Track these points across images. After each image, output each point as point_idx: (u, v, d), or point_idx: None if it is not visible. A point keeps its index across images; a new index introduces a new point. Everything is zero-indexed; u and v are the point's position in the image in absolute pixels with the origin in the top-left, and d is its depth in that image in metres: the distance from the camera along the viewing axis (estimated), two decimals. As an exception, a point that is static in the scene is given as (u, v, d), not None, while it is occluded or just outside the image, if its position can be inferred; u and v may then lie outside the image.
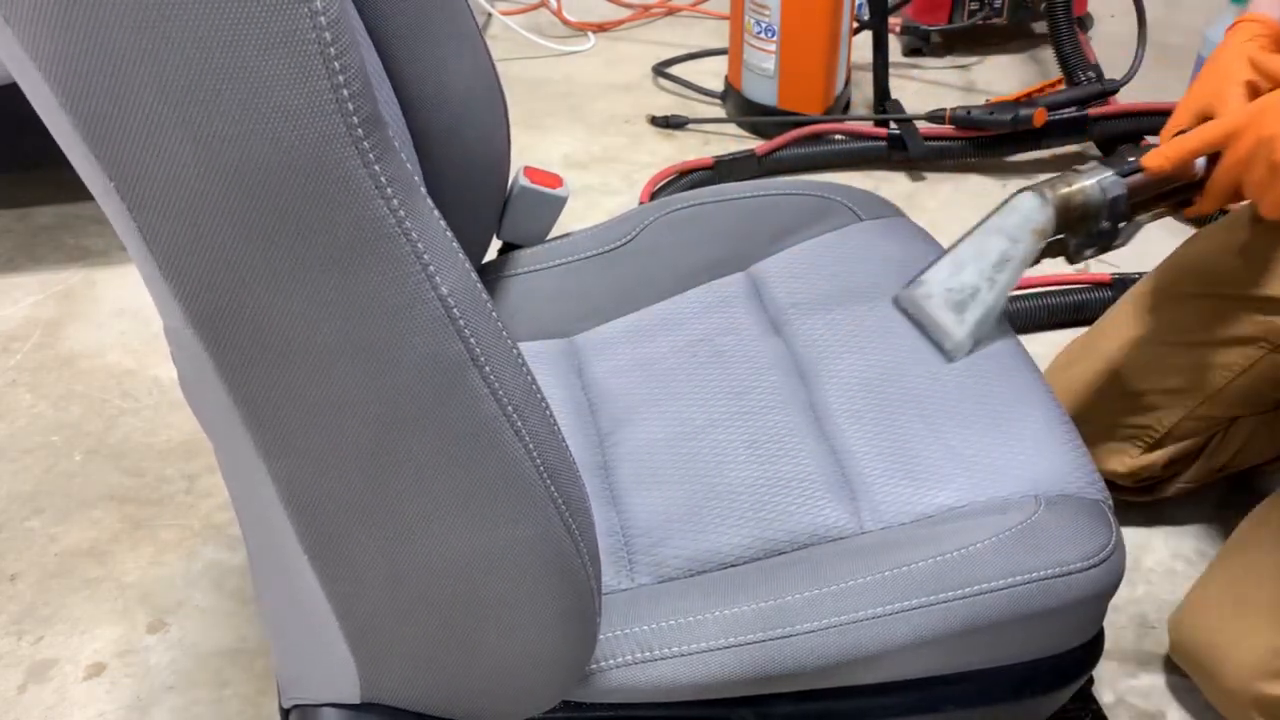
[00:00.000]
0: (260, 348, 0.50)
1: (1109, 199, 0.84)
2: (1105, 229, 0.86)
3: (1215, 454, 1.19)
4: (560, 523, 0.59)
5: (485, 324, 0.53)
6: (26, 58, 0.43)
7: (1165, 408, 1.15)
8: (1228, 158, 0.82)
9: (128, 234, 0.48)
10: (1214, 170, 0.84)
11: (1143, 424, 1.16)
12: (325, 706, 0.66)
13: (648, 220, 1.04)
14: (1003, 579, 0.73)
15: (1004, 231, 0.86)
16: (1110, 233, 0.86)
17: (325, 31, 0.43)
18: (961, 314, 0.87)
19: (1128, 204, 0.85)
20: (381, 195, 0.47)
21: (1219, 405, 1.14)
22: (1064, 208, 0.85)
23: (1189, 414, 1.14)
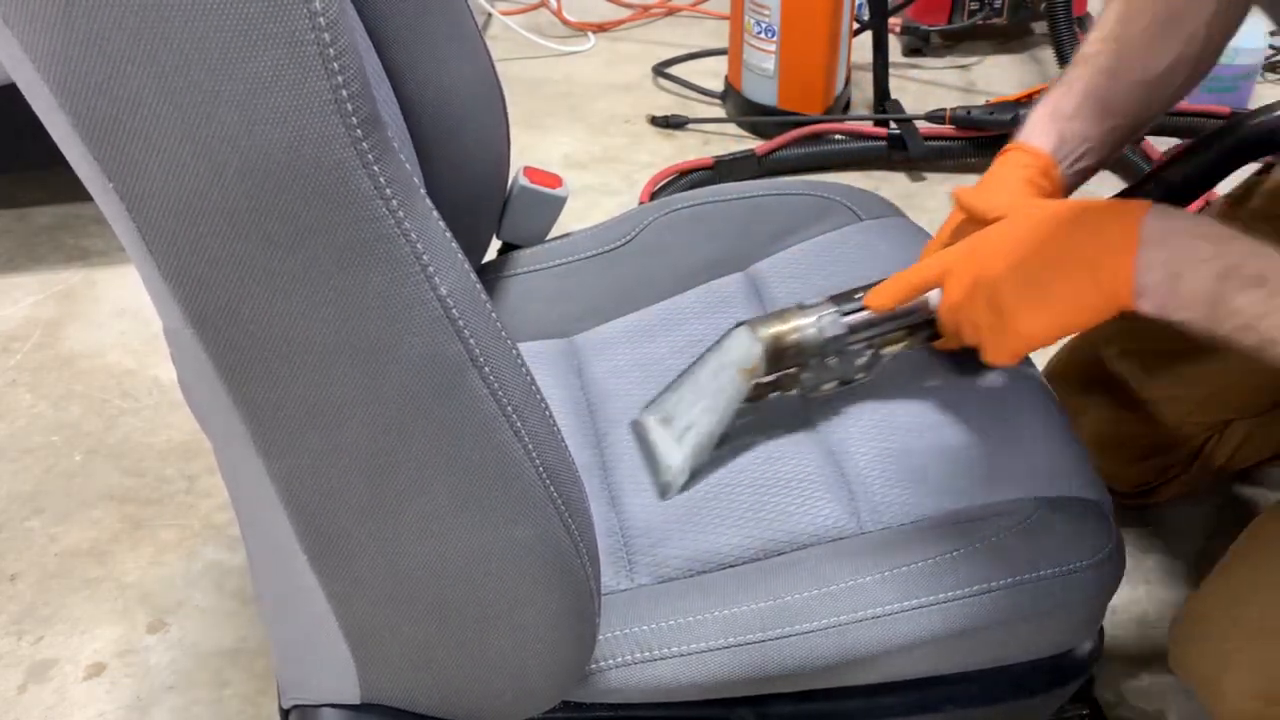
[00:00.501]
0: (259, 348, 0.50)
1: (825, 339, 0.79)
2: (836, 366, 0.81)
3: (1211, 457, 1.19)
4: (559, 523, 0.59)
5: (484, 324, 0.53)
6: (25, 58, 0.43)
7: (1161, 413, 1.15)
8: (946, 299, 0.76)
9: (127, 234, 0.48)
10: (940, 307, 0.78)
11: (1139, 432, 1.16)
12: (325, 707, 0.66)
13: (647, 220, 1.04)
14: (1002, 579, 0.73)
15: (717, 367, 0.82)
16: (848, 368, 0.82)
17: (325, 32, 0.43)
18: (680, 447, 0.82)
19: (863, 339, 0.80)
20: (380, 196, 0.47)
21: (1214, 409, 1.14)
22: (775, 347, 0.79)
23: (1184, 419, 1.14)
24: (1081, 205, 0.74)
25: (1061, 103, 0.87)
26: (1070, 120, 0.87)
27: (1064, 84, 0.88)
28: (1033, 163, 0.85)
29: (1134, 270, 0.67)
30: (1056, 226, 0.71)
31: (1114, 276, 0.67)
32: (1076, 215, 0.72)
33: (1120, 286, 0.67)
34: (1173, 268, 0.66)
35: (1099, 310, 0.69)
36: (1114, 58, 0.87)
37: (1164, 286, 0.67)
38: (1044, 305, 0.70)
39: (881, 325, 0.80)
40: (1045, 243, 0.71)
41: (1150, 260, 0.67)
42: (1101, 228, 0.69)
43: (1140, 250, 0.67)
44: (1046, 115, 0.87)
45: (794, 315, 0.80)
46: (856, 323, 0.79)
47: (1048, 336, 0.71)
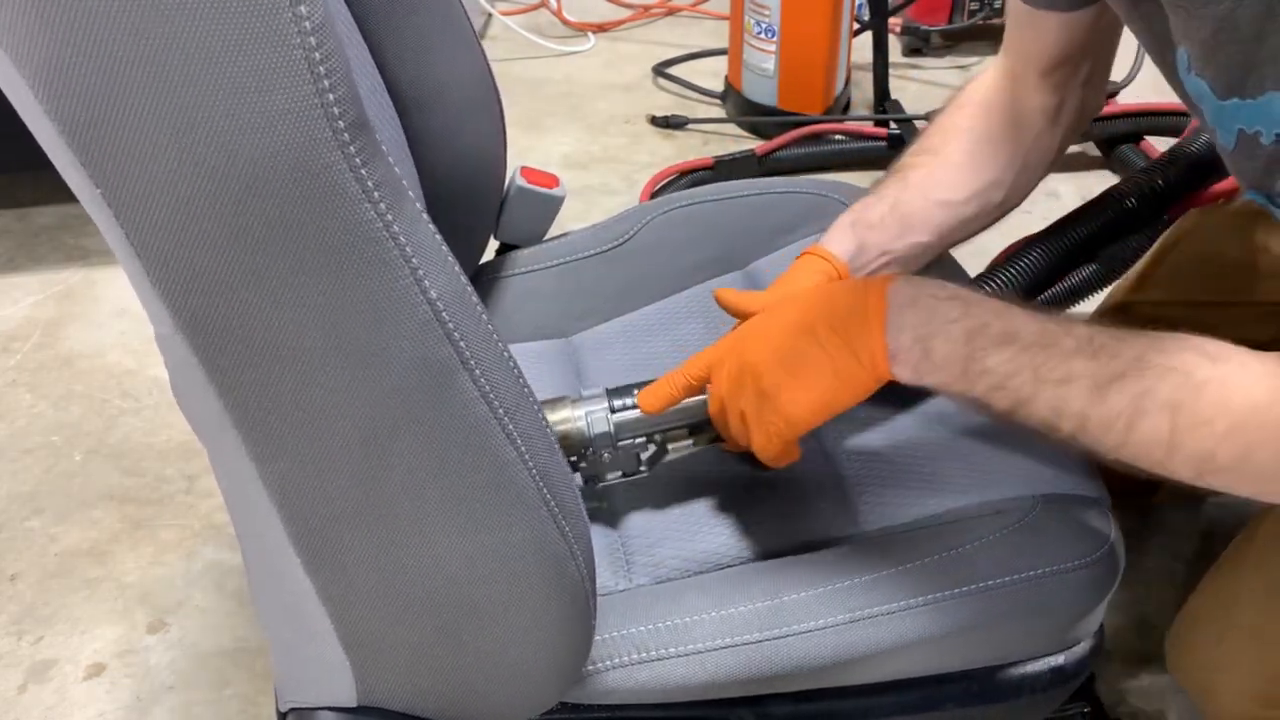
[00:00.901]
0: (249, 352, 0.50)
1: (593, 434, 0.76)
2: (614, 459, 0.78)
3: None
4: (553, 525, 0.59)
5: (475, 327, 0.53)
6: (10, 64, 0.43)
7: None
8: (713, 392, 0.75)
9: (115, 240, 0.48)
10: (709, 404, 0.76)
11: None
12: (322, 710, 0.66)
13: (645, 219, 1.04)
14: (1001, 578, 0.73)
15: None
16: (629, 462, 0.78)
17: (310, 36, 0.43)
18: None
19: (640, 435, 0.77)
20: (369, 199, 0.47)
21: None
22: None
23: None
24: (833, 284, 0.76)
25: (867, 211, 0.87)
26: (871, 230, 0.86)
27: (873, 194, 0.88)
28: (827, 269, 0.84)
29: (885, 336, 0.67)
30: (809, 306, 0.71)
31: (868, 345, 0.67)
32: (828, 292, 0.73)
33: (875, 354, 0.67)
34: (921, 330, 0.66)
35: (860, 382, 0.68)
36: (927, 174, 0.87)
37: (916, 350, 0.66)
38: (805, 383, 0.69)
39: (655, 424, 0.77)
40: (800, 323, 0.70)
41: (900, 324, 0.67)
42: (852, 300, 0.69)
43: (889, 315, 0.67)
44: (848, 223, 0.87)
45: (566, 405, 0.77)
46: (625, 421, 0.77)
47: (814, 417, 0.70)
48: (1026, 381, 0.64)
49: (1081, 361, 0.62)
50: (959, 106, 0.90)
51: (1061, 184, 1.82)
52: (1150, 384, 0.61)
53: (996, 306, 0.66)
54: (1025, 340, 0.64)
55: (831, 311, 0.69)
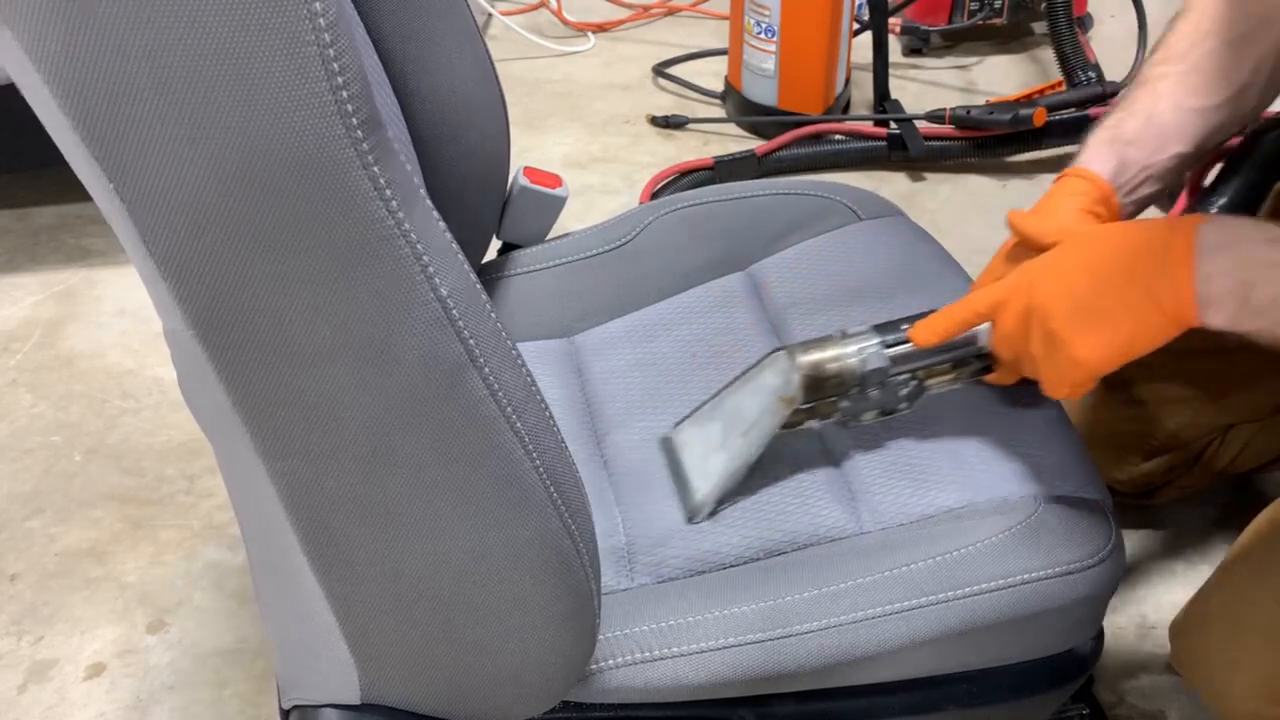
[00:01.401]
0: (259, 349, 0.50)
1: (867, 370, 0.75)
2: (877, 397, 0.77)
3: (1214, 459, 1.19)
4: (559, 523, 0.59)
5: (484, 325, 0.53)
6: (26, 59, 0.43)
7: (1166, 415, 1.14)
8: (998, 331, 0.73)
9: (127, 235, 0.48)
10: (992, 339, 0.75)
11: (1143, 432, 1.16)
12: (325, 707, 0.66)
13: (648, 220, 1.04)
14: (1002, 579, 0.73)
15: (754, 392, 0.79)
16: (890, 399, 0.78)
17: (325, 33, 0.43)
18: (711, 473, 0.80)
19: (907, 371, 0.77)
20: (380, 197, 0.47)
21: (1219, 412, 1.14)
22: (815, 376, 0.76)
23: (1189, 422, 1.14)
24: (1132, 224, 0.71)
25: (1122, 127, 0.83)
26: (1129, 145, 0.83)
27: (1124, 107, 0.85)
28: (1090, 190, 0.81)
29: (1194, 283, 0.64)
30: (1106, 247, 0.69)
31: (1174, 292, 0.64)
32: (1127, 233, 0.69)
33: (1182, 302, 0.64)
34: (1240, 275, 0.63)
35: (1161, 329, 0.66)
36: (1178, 82, 0.84)
37: (1233, 297, 0.63)
38: (1101, 331, 0.67)
39: (927, 358, 0.77)
40: (1096, 265, 0.68)
41: (1213, 270, 0.64)
42: (1153, 243, 0.66)
43: (1200, 261, 0.64)
44: (1106, 140, 0.84)
45: (835, 344, 0.77)
46: (899, 355, 0.76)
47: (1109, 363, 0.68)
48: None
49: None
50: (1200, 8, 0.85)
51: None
52: None
53: None
54: None
55: (1130, 255, 0.67)
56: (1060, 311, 0.68)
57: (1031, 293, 0.70)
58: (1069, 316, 0.68)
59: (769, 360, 0.78)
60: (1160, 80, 0.85)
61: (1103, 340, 0.67)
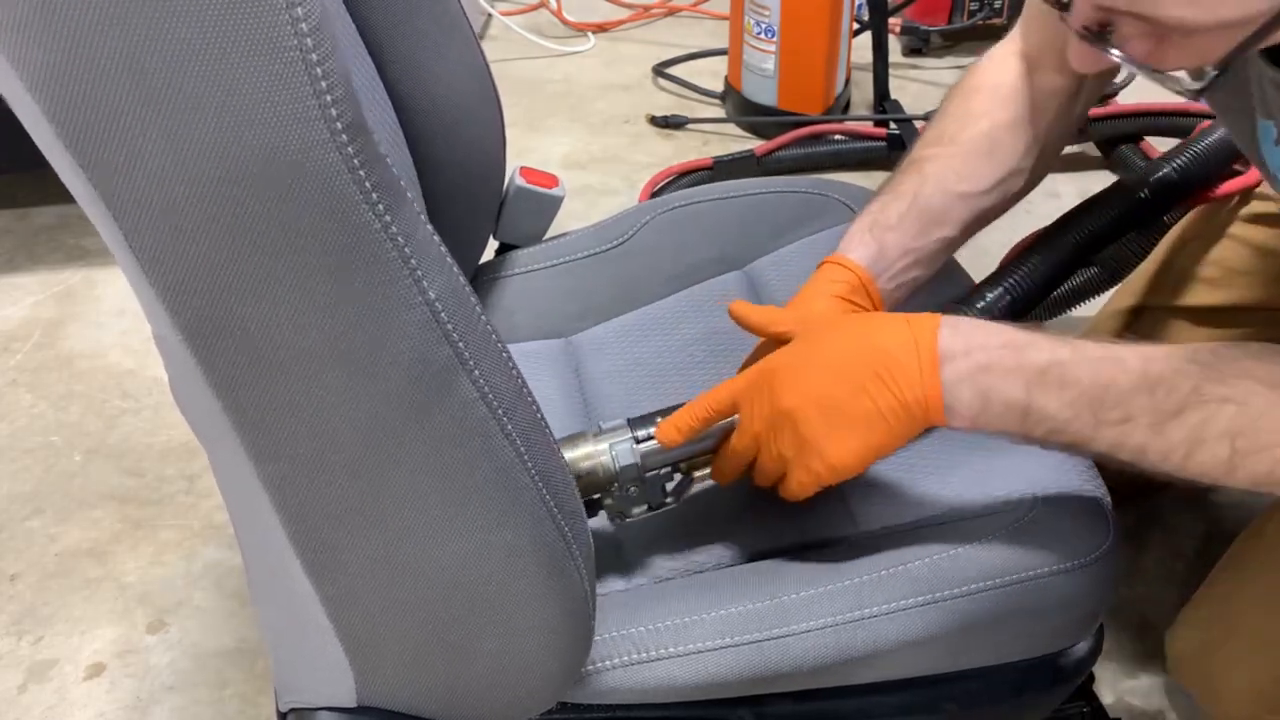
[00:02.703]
0: (247, 354, 0.50)
1: (619, 468, 0.73)
2: (639, 493, 0.75)
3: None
4: (553, 526, 0.59)
5: (474, 327, 0.53)
6: (9, 67, 0.43)
7: None
8: (744, 428, 0.72)
9: (114, 241, 0.48)
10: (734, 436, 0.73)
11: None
12: (321, 710, 0.66)
13: (645, 219, 1.04)
14: (1000, 577, 0.73)
15: None
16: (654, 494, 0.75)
17: (307, 38, 0.43)
18: None
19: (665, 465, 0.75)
20: (367, 201, 0.47)
21: None
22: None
23: None
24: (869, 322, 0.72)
25: (885, 212, 0.83)
26: (891, 230, 0.82)
27: (888, 192, 0.85)
28: (848, 277, 0.81)
29: (941, 389, 0.66)
30: (850, 347, 0.69)
31: (924, 399, 0.66)
32: (865, 332, 0.70)
33: (931, 408, 0.66)
34: (981, 383, 0.65)
35: (909, 431, 0.68)
36: (945, 165, 0.84)
37: (975, 403, 0.66)
38: (854, 435, 0.68)
39: (683, 452, 0.75)
40: (842, 367, 0.68)
41: (955, 377, 0.66)
42: (895, 346, 0.67)
43: (944, 368, 0.66)
44: (866, 226, 0.83)
45: (588, 440, 0.74)
46: (652, 450, 0.74)
47: (863, 464, 0.69)
48: (1086, 425, 0.64)
49: (1140, 399, 0.63)
50: (971, 92, 0.87)
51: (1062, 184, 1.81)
52: (1208, 415, 0.61)
53: (1049, 347, 0.65)
54: (1083, 384, 0.64)
55: (876, 359, 0.67)
56: (813, 416, 0.68)
57: (777, 392, 0.70)
58: (822, 421, 0.68)
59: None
60: (928, 162, 0.85)
61: (856, 444, 0.68)
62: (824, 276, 0.82)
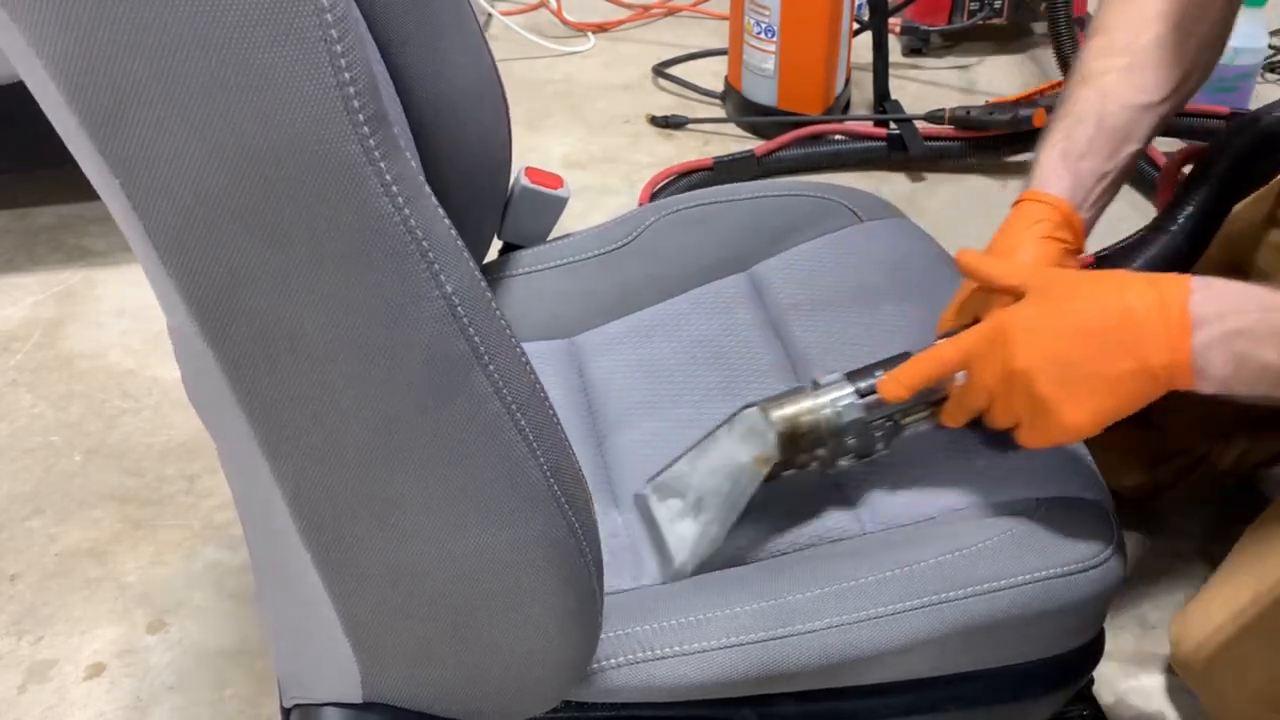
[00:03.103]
0: (264, 346, 0.50)
1: (844, 422, 0.74)
2: (854, 444, 0.76)
3: (1219, 460, 1.19)
4: (564, 522, 0.59)
5: (489, 323, 0.53)
6: (33, 54, 0.44)
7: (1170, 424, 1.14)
8: (976, 383, 0.72)
9: (133, 232, 0.48)
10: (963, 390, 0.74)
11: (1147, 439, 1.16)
12: (327, 706, 0.66)
13: (649, 221, 1.04)
14: (1004, 579, 0.73)
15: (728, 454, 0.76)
16: (866, 444, 0.76)
17: (331, 29, 0.43)
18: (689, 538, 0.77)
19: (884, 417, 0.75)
20: (386, 194, 0.47)
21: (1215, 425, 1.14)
22: (790, 432, 0.74)
23: (1192, 427, 1.14)
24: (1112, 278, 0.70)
25: (1071, 140, 0.81)
26: (1084, 158, 0.81)
27: (1068, 115, 0.82)
28: (1050, 214, 0.79)
29: (1190, 355, 0.64)
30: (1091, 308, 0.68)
31: (1171, 363, 0.65)
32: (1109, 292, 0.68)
33: (1178, 373, 0.65)
34: (1236, 348, 0.64)
35: (1152, 394, 0.67)
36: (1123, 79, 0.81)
37: (1228, 368, 0.64)
38: (1092, 398, 0.67)
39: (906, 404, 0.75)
40: (1082, 329, 0.67)
41: (1208, 341, 0.64)
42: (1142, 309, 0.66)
43: (1196, 333, 0.64)
44: (1057, 157, 0.81)
45: (808, 396, 0.75)
46: (874, 403, 0.75)
47: (1098, 427, 0.68)
48: None
49: None
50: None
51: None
52: None
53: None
54: None
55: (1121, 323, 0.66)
56: (1049, 378, 0.67)
57: (1012, 352, 0.69)
58: (1055, 383, 0.67)
59: (741, 419, 0.76)
60: (1104, 76, 0.82)
61: (1093, 406, 0.67)
62: (1024, 215, 0.80)
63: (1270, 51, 2.12)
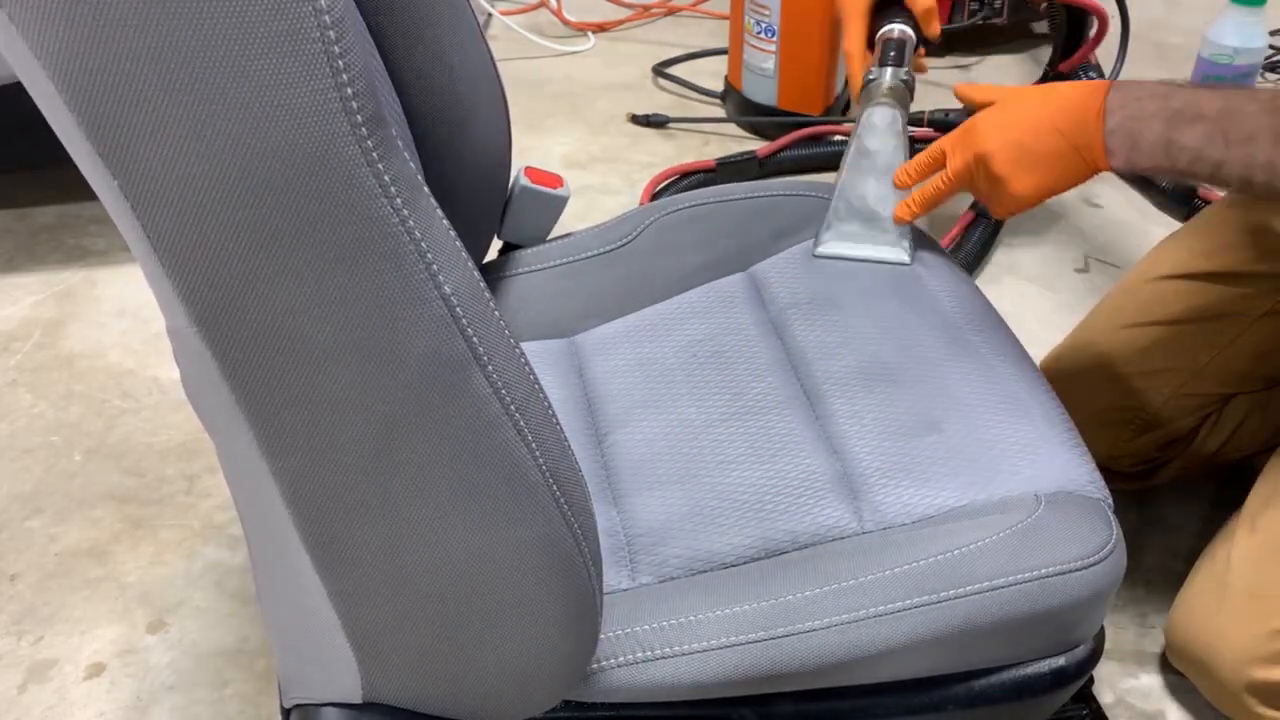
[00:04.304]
0: (263, 347, 0.50)
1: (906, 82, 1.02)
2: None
3: (1209, 438, 1.20)
4: (562, 523, 0.59)
5: (488, 323, 0.53)
6: (31, 55, 0.44)
7: (1153, 388, 1.16)
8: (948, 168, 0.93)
9: (131, 233, 0.48)
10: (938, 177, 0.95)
11: (1132, 406, 1.17)
12: (327, 706, 0.66)
13: (648, 220, 1.04)
14: (1003, 578, 0.73)
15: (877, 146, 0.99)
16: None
17: (329, 30, 0.43)
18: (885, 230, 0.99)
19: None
20: (385, 194, 0.47)
21: (1206, 382, 1.15)
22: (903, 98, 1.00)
23: (1177, 393, 1.16)
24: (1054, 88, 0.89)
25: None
26: None
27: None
28: None
29: (1102, 136, 0.82)
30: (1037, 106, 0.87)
31: (1089, 144, 0.83)
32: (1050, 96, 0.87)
33: (1095, 151, 0.83)
34: (1130, 127, 0.82)
35: (1080, 173, 0.85)
36: None
37: (1126, 144, 0.82)
38: (1033, 172, 0.87)
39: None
40: (1030, 121, 0.87)
41: (1112, 126, 0.82)
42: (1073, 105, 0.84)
43: (1106, 118, 0.82)
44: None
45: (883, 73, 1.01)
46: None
47: (1039, 196, 0.88)
48: (1218, 147, 0.79)
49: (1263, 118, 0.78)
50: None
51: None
52: None
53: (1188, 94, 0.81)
54: (1212, 115, 0.79)
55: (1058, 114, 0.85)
56: (1003, 159, 0.88)
57: (978, 139, 0.89)
58: (1010, 163, 0.87)
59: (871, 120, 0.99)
60: None
61: (1034, 179, 0.87)
62: None
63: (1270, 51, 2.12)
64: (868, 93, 1.00)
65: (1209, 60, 1.92)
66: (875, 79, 1.01)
